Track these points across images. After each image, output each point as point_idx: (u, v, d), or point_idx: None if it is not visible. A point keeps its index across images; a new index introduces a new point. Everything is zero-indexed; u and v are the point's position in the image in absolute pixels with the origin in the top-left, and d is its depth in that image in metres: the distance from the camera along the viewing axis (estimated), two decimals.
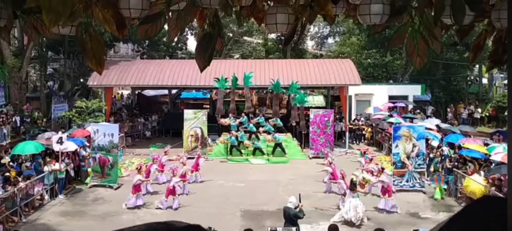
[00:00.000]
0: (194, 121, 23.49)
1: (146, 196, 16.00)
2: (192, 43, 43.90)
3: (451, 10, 3.16)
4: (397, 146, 17.56)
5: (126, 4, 3.26)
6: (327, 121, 23.68)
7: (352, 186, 13.95)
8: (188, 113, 23.98)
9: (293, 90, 24.40)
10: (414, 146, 17.41)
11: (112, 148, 18.15)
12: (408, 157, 17.34)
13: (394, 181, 16.76)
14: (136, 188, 15.00)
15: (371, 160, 18.45)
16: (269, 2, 3.93)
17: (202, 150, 22.98)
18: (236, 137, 22.61)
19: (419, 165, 17.33)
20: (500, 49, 3.68)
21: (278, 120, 23.52)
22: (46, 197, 15.73)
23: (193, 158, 19.67)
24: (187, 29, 36.99)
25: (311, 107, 27.62)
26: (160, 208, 14.81)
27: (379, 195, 14.99)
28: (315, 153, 23.29)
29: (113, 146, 18.23)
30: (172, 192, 14.81)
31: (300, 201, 11.68)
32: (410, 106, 30.11)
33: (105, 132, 18.28)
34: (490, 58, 3.90)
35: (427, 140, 20.09)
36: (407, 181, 17.02)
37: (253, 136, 22.80)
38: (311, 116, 23.86)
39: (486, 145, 18.19)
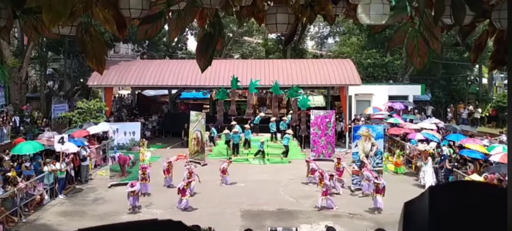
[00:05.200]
0: (196, 124, 22.76)
1: (145, 198, 16.02)
2: (192, 43, 43.95)
3: (451, 10, 3.16)
4: (356, 145, 18.11)
5: (126, 4, 3.25)
6: (328, 122, 23.12)
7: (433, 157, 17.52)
8: (192, 115, 23.19)
9: (294, 94, 24.30)
10: (372, 145, 17.95)
11: (133, 146, 18.32)
12: (367, 156, 17.86)
13: (353, 180, 17.36)
14: (183, 191, 14.74)
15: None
16: (269, 2, 3.93)
17: (201, 155, 22.09)
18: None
19: (377, 164, 17.83)
20: (502, 50, 3.67)
21: (284, 124, 23.43)
22: (46, 197, 15.72)
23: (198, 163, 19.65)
24: (187, 29, 37.01)
25: (311, 108, 27.60)
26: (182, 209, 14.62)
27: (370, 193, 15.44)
28: (316, 155, 22.49)
29: (135, 143, 18.41)
30: (182, 192, 14.74)
31: None
32: (410, 107, 30.11)
33: (126, 130, 18.49)
34: (491, 58, 3.89)
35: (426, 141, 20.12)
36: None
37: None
38: (312, 117, 23.40)
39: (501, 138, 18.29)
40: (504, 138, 21.67)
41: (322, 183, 14.81)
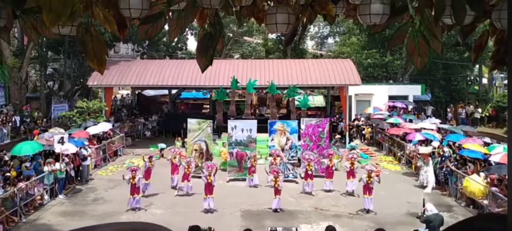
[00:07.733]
0: (198, 133, 19.65)
1: (146, 198, 16.01)
2: (192, 43, 43.96)
3: (452, 10, 3.15)
4: (272, 139, 19.12)
5: (126, 4, 3.24)
6: (321, 132, 19.47)
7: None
8: (191, 123, 19.98)
9: (292, 94, 24.27)
10: (287, 139, 19.06)
11: (250, 143, 19.03)
12: (282, 149, 18.83)
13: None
14: (210, 190, 14.54)
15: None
16: (269, 2, 3.92)
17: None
18: None
19: (292, 157, 18.82)
20: (502, 50, 3.67)
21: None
22: (46, 197, 15.72)
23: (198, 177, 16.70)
24: (187, 29, 37.01)
25: (312, 108, 27.57)
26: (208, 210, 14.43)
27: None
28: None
29: (251, 140, 19.10)
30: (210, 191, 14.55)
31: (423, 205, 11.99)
32: (410, 107, 30.10)
33: (243, 127, 19.17)
34: (492, 58, 3.89)
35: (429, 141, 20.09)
36: (282, 172, 17.08)
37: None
38: (302, 127, 19.75)
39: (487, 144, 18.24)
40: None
41: (277, 183, 14.60)
